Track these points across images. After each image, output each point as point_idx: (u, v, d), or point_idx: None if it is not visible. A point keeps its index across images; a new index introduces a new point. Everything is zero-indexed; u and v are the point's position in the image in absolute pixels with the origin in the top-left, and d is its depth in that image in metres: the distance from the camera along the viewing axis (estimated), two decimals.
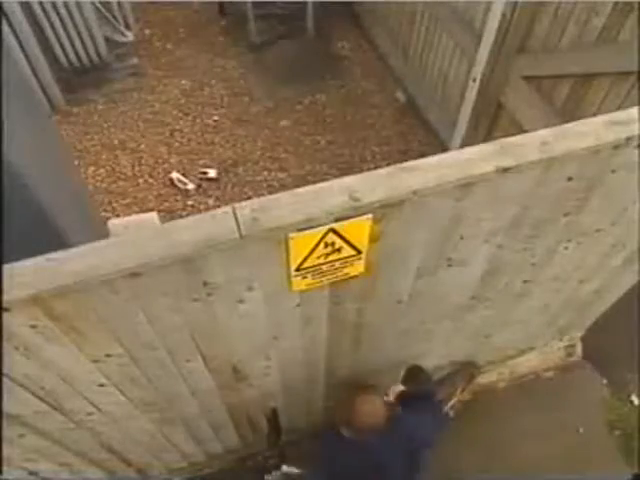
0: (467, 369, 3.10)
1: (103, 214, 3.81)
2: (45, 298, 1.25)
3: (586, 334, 3.35)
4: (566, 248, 2.08)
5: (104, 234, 1.45)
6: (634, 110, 1.56)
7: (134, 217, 1.31)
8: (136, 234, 1.28)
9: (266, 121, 4.32)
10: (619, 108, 2.31)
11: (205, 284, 1.42)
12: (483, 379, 3.25)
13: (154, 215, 1.31)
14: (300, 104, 4.43)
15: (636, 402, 3.36)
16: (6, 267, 1.19)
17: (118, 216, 3.81)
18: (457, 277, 1.94)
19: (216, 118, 4.36)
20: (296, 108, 4.39)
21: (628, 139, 1.54)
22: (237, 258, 1.38)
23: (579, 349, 3.41)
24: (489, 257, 1.92)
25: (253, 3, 4.45)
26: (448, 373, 3.02)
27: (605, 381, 3.43)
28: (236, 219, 1.28)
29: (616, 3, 2.22)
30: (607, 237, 2.10)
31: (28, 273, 1.21)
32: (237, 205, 1.31)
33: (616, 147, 1.56)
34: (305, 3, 4.62)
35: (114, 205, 3.86)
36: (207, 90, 4.56)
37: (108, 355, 1.55)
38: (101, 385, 1.68)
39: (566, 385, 3.38)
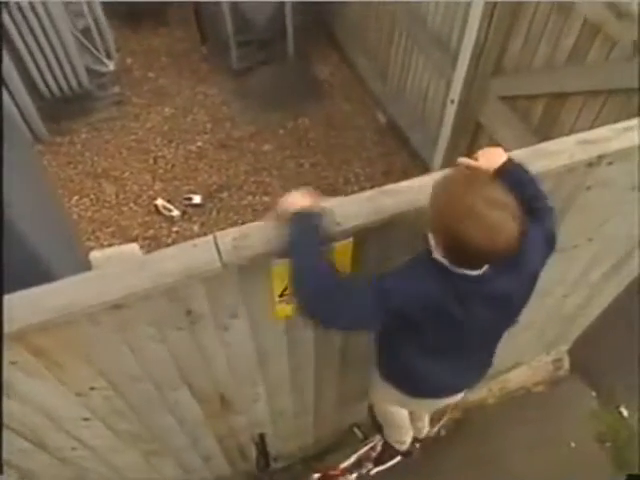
0: None
1: (87, 243, 3.79)
2: (27, 333, 1.24)
3: (573, 347, 3.37)
4: (546, 264, 2.10)
5: (88, 264, 1.44)
6: (604, 129, 1.61)
7: (115, 248, 1.31)
8: (118, 266, 1.28)
9: (249, 146, 4.36)
10: (592, 126, 2.38)
11: (189, 313, 1.42)
12: (473, 396, 3.25)
13: (135, 246, 1.31)
14: (283, 128, 4.47)
15: (625, 413, 3.37)
16: None
17: (102, 245, 3.80)
18: None
19: (200, 144, 4.38)
20: (279, 132, 4.43)
21: (600, 157, 1.59)
22: (220, 286, 1.38)
23: (567, 363, 3.43)
24: None
25: (234, 30, 4.51)
26: None
27: (594, 393, 3.45)
28: (217, 248, 1.29)
29: (584, 25, 2.30)
30: (585, 253, 2.14)
31: (10, 308, 1.20)
32: (218, 234, 1.32)
33: (589, 165, 1.61)
34: (285, 29, 4.70)
35: (98, 234, 3.85)
36: (190, 117, 4.59)
37: (92, 388, 1.53)
38: (85, 419, 1.65)
39: (556, 399, 3.38)
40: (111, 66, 4.36)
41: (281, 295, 1.51)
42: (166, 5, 5.19)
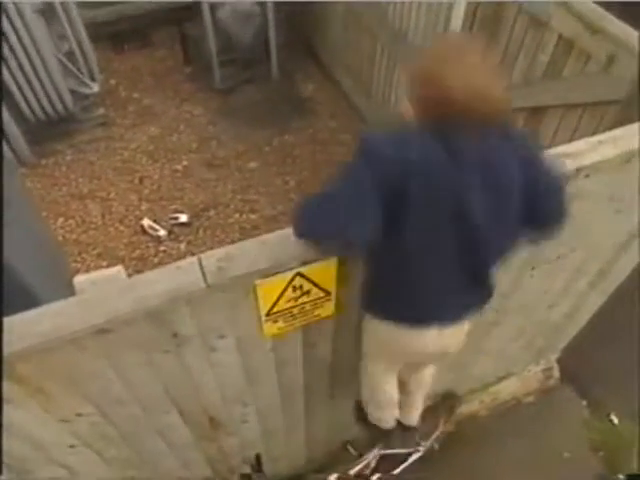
0: (448, 400, 3.09)
1: (73, 265, 3.76)
2: (9, 361, 1.22)
3: (562, 356, 3.39)
4: (532, 276, 2.13)
5: (73, 289, 1.43)
6: (581, 142, 1.65)
7: (100, 272, 1.31)
8: (102, 290, 1.28)
9: (236, 164, 4.37)
10: (571, 138, 2.43)
11: (175, 335, 1.41)
12: (465, 409, 3.25)
13: (120, 269, 1.30)
14: (268, 146, 4.50)
15: (616, 421, 3.39)
16: None
17: (89, 266, 3.77)
18: None
19: (185, 163, 4.39)
20: (265, 150, 4.45)
21: (578, 170, 1.62)
22: (206, 307, 1.38)
23: (556, 372, 3.44)
24: None
25: (217, 50, 4.55)
26: (429, 406, 3.01)
27: (585, 402, 3.46)
28: (202, 269, 1.29)
29: (559, 40, 2.36)
30: (569, 263, 2.17)
31: None
32: (203, 255, 1.32)
33: (567, 178, 1.63)
34: (268, 48, 4.75)
35: (84, 256, 3.82)
36: (175, 136, 4.60)
37: (78, 414, 1.52)
38: (71, 446, 1.63)
39: (547, 409, 3.39)
40: (95, 88, 4.36)
41: (268, 314, 1.51)
42: (149, 26, 5.22)
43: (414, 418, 2.36)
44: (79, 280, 1.25)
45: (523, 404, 3.39)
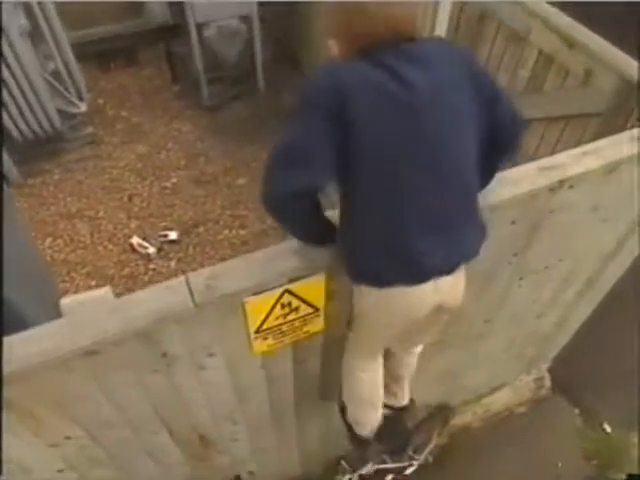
0: (441, 412, 3.09)
1: (62, 285, 3.73)
2: None
3: (553, 365, 3.41)
4: (520, 286, 2.15)
5: (60, 311, 1.43)
6: (563, 155, 1.68)
7: (87, 293, 1.31)
8: (89, 311, 1.27)
9: (224, 180, 4.38)
10: (554, 149, 2.47)
11: (164, 355, 1.41)
12: (458, 420, 3.24)
13: (107, 290, 1.30)
14: (257, 161, 4.50)
15: (608, 430, 3.40)
16: None
17: (78, 286, 3.74)
18: None
19: (174, 180, 4.39)
20: (253, 165, 4.46)
21: (561, 181, 1.65)
22: (195, 326, 1.38)
23: (548, 381, 3.45)
24: None
25: (204, 68, 4.59)
26: (423, 419, 3.00)
27: (577, 411, 3.47)
28: (189, 288, 1.29)
29: (539, 55, 2.41)
30: (557, 273, 2.19)
31: None
32: (190, 274, 1.33)
33: (551, 190, 1.66)
34: (254, 64, 4.79)
35: (73, 275, 3.79)
36: (164, 154, 4.61)
37: (67, 437, 1.50)
38: (60, 470, 1.61)
39: (540, 419, 3.39)
40: (83, 107, 4.37)
41: (257, 331, 1.51)
42: (135, 45, 5.25)
43: (405, 398, 2.19)
44: (66, 302, 1.24)
45: (516, 414, 3.39)
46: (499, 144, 1.43)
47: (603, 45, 2.15)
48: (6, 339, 1.21)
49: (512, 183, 1.63)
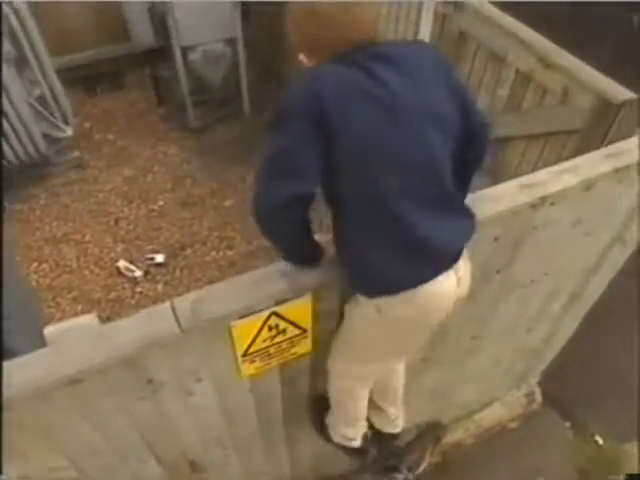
0: (433, 430, 3.08)
1: (48, 310, 3.69)
2: None
3: (543, 379, 3.42)
4: (506, 302, 2.17)
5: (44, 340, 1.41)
6: (543, 172, 1.71)
7: (71, 321, 1.30)
8: (74, 340, 1.26)
9: (211, 202, 4.38)
10: (535, 166, 2.51)
11: (150, 381, 1.40)
12: (450, 438, 3.23)
13: (92, 317, 1.29)
14: (243, 182, 4.53)
15: (600, 442, 3.40)
16: None
17: (64, 311, 3.70)
18: None
19: (161, 203, 4.39)
20: (239, 187, 4.48)
21: (543, 198, 1.68)
22: (181, 352, 1.37)
23: (539, 395, 3.46)
24: None
25: (189, 91, 4.62)
26: (415, 437, 2.99)
27: (568, 424, 3.47)
28: (175, 314, 1.29)
29: (516, 75, 2.47)
30: (542, 287, 2.21)
31: None
32: (176, 299, 1.32)
33: (533, 206, 1.69)
34: (240, 86, 4.83)
35: (59, 300, 3.75)
36: (150, 176, 4.61)
37: (52, 469, 1.47)
38: None
39: (532, 433, 3.39)
40: (68, 131, 4.37)
41: (244, 354, 1.51)
42: (121, 69, 5.29)
43: (395, 416, 2.12)
44: (50, 330, 1.23)
45: (508, 430, 3.39)
46: (470, 150, 1.45)
47: (578, 65, 2.21)
48: None
49: (494, 200, 1.65)
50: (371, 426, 2.07)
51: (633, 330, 3.60)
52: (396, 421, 2.10)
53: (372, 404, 1.97)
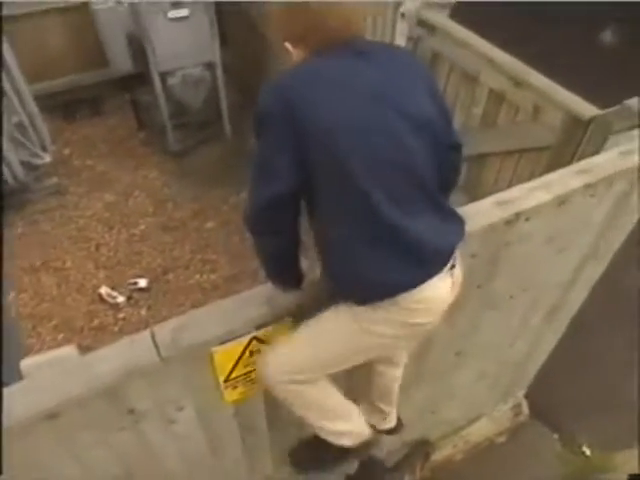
0: (422, 447, 3.07)
1: (28, 340, 3.62)
2: None
3: (529, 392, 3.43)
4: (488, 317, 2.19)
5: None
6: (516, 189, 1.75)
7: (49, 354, 1.28)
8: (51, 373, 1.25)
9: (193, 225, 4.37)
10: (511, 182, 2.56)
11: (131, 411, 1.38)
12: (439, 454, 3.22)
13: (71, 348, 1.28)
14: (225, 204, 4.53)
15: (588, 453, 3.42)
16: None
17: (44, 340, 3.64)
18: None
19: (142, 227, 4.37)
20: (222, 209, 4.48)
21: (517, 214, 1.71)
22: (162, 380, 1.36)
23: (526, 408, 3.47)
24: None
25: (169, 115, 4.63)
26: (404, 455, 2.98)
27: (556, 436, 3.49)
28: (155, 342, 1.28)
29: (490, 94, 2.53)
30: (522, 302, 2.24)
31: None
32: (155, 327, 1.32)
33: (508, 223, 1.72)
34: (220, 109, 4.86)
35: (39, 329, 3.69)
36: (131, 201, 4.59)
37: None
38: None
39: (520, 447, 3.39)
40: (47, 158, 4.35)
41: (226, 380, 1.50)
42: (100, 95, 5.29)
43: (394, 417, 2.05)
44: (27, 364, 1.21)
45: (496, 444, 3.39)
46: (446, 163, 1.44)
47: (547, 83, 2.28)
48: None
49: (470, 217, 1.67)
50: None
51: (617, 339, 3.66)
52: (390, 416, 2.03)
53: (370, 406, 1.94)
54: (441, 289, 1.37)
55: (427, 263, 1.33)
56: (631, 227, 2.18)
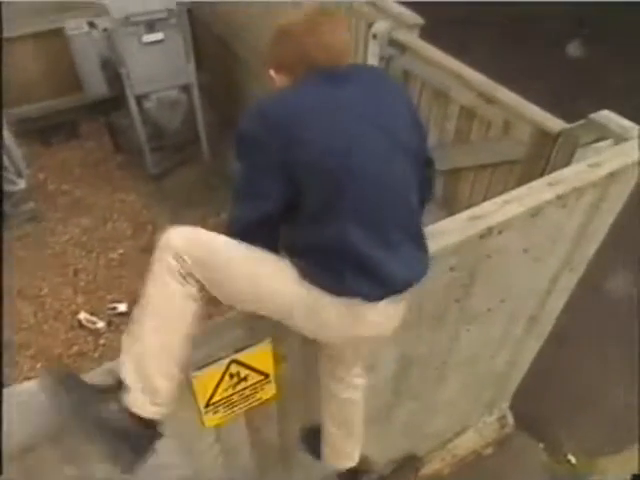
0: (410, 463, 3.06)
1: (5, 370, 3.54)
2: None
3: (513, 402, 3.45)
4: (468, 330, 2.21)
5: None
6: (488, 204, 1.78)
7: (23, 385, 1.25)
8: (25, 404, 1.22)
9: None
10: (485, 196, 2.60)
11: None
12: (427, 469, 3.21)
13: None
14: (205, 225, 4.45)
15: (573, 461, 3.44)
16: None
17: (22, 370, 3.56)
18: (371, 381, 1.98)
19: (121, 251, 4.32)
20: None
21: (489, 228, 1.74)
22: None
23: (511, 419, 3.48)
24: (397, 356, 1.99)
25: (146, 138, 4.62)
26: (392, 470, 2.96)
27: (542, 445, 3.51)
28: None
29: (461, 110, 2.58)
30: (501, 313, 2.27)
31: None
32: None
33: (482, 237, 1.75)
34: (197, 131, 4.87)
35: (17, 358, 3.60)
36: (110, 225, 4.55)
37: None
38: None
39: (507, 458, 3.40)
40: (22, 184, 4.30)
41: (207, 405, 1.48)
42: (76, 119, 5.26)
43: (356, 454, 1.88)
44: (4, 394, 1.19)
45: (483, 457, 3.39)
46: (422, 179, 1.45)
47: (515, 99, 2.34)
48: None
49: (446, 233, 1.71)
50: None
51: (598, 347, 3.71)
52: (352, 454, 1.87)
53: (327, 435, 1.80)
54: (382, 315, 1.37)
55: (390, 290, 1.34)
56: (603, 236, 2.23)
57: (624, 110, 2.11)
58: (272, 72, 1.39)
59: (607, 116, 2.06)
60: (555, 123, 2.20)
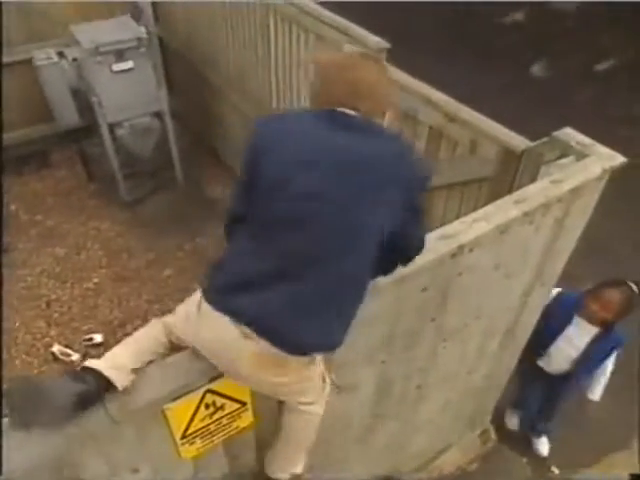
0: None
1: None
2: None
3: (495, 417, 3.47)
4: (444, 347, 2.23)
5: None
6: (457, 223, 1.81)
7: None
8: None
9: (149, 274, 4.29)
10: (458, 213, 2.65)
11: None
12: None
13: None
14: (181, 251, 4.48)
15: (556, 472, 3.46)
16: None
17: None
18: (351, 402, 1.97)
19: (96, 280, 4.25)
20: (178, 255, 4.43)
21: (460, 247, 1.77)
22: (114, 443, 1.32)
23: (493, 434, 3.50)
24: (376, 375, 2.00)
25: (119, 165, 4.59)
26: None
27: (525, 459, 3.52)
28: (104, 405, 1.24)
29: (429, 130, 2.64)
30: (476, 329, 2.29)
31: None
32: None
33: (453, 255, 1.78)
34: (171, 157, 4.86)
35: None
36: (84, 254, 4.48)
37: None
38: None
39: (491, 473, 3.41)
40: None
41: (183, 436, 1.46)
42: (48, 148, 5.22)
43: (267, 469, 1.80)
44: None
45: (468, 473, 3.39)
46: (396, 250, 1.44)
47: (479, 118, 2.40)
48: None
49: None
50: None
51: None
52: (271, 466, 1.76)
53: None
54: (221, 327, 1.30)
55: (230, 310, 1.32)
56: (570, 251, 2.28)
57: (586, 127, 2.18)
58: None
59: (569, 134, 2.12)
60: (519, 141, 2.26)
